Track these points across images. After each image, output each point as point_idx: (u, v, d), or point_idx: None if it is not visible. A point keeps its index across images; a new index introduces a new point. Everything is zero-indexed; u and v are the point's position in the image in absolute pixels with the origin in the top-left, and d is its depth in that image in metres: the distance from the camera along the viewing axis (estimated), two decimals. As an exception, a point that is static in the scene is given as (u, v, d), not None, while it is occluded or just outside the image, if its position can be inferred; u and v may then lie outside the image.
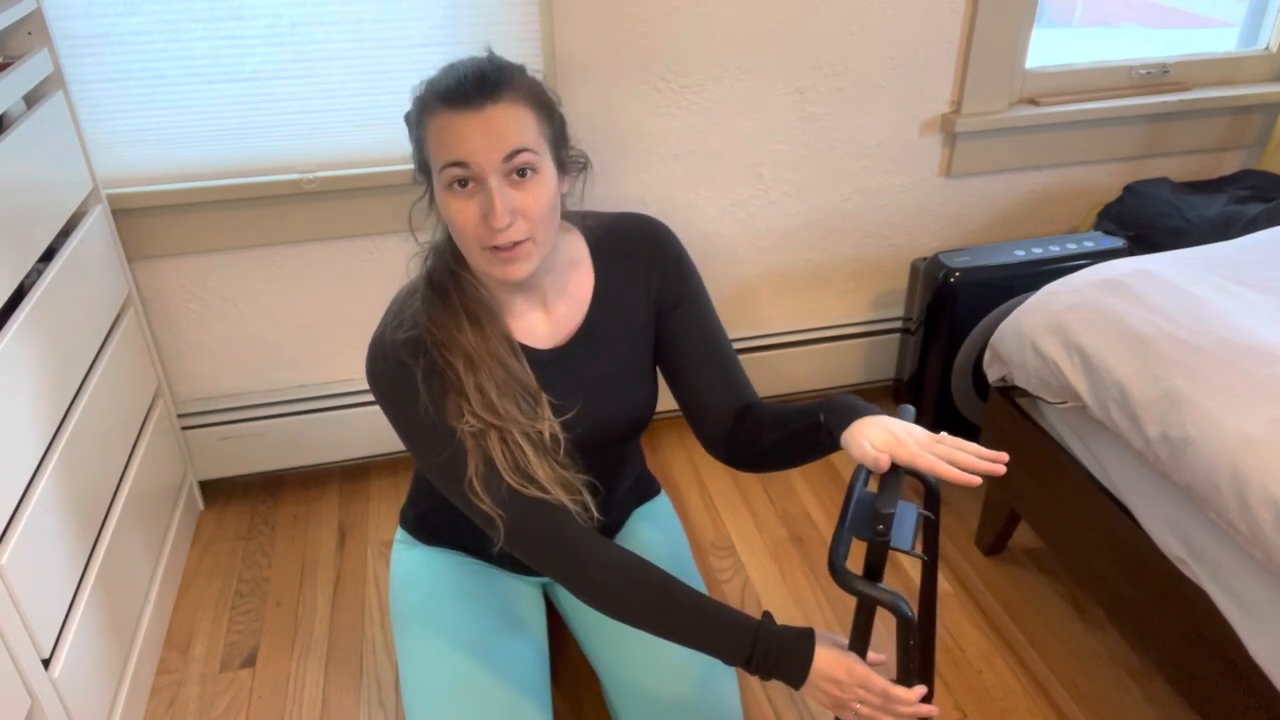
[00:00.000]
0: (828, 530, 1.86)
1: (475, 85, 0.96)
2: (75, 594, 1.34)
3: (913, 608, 0.95)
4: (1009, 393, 1.65)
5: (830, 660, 0.99)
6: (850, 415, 1.03)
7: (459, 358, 1.05)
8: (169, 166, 1.70)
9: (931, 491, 1.04)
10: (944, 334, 1.90)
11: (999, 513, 1.74)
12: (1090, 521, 1.46)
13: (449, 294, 1.07)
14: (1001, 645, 1.61)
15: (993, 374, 1.63)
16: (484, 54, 1.03)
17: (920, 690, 0.98)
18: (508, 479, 1.05)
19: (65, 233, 1.51)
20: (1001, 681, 1.54)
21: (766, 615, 1.04)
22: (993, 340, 1.60)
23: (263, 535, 1.91)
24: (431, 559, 1.35)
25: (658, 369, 1.25)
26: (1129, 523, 1.37)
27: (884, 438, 0.99)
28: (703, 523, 1.91)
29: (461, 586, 1.30)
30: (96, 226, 1.59)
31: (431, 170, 1.01)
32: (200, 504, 1.98)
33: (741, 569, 1.79)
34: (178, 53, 1.61)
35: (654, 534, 1.39)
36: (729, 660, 1.02)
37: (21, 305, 1.30)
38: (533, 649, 1.28)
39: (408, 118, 1.04)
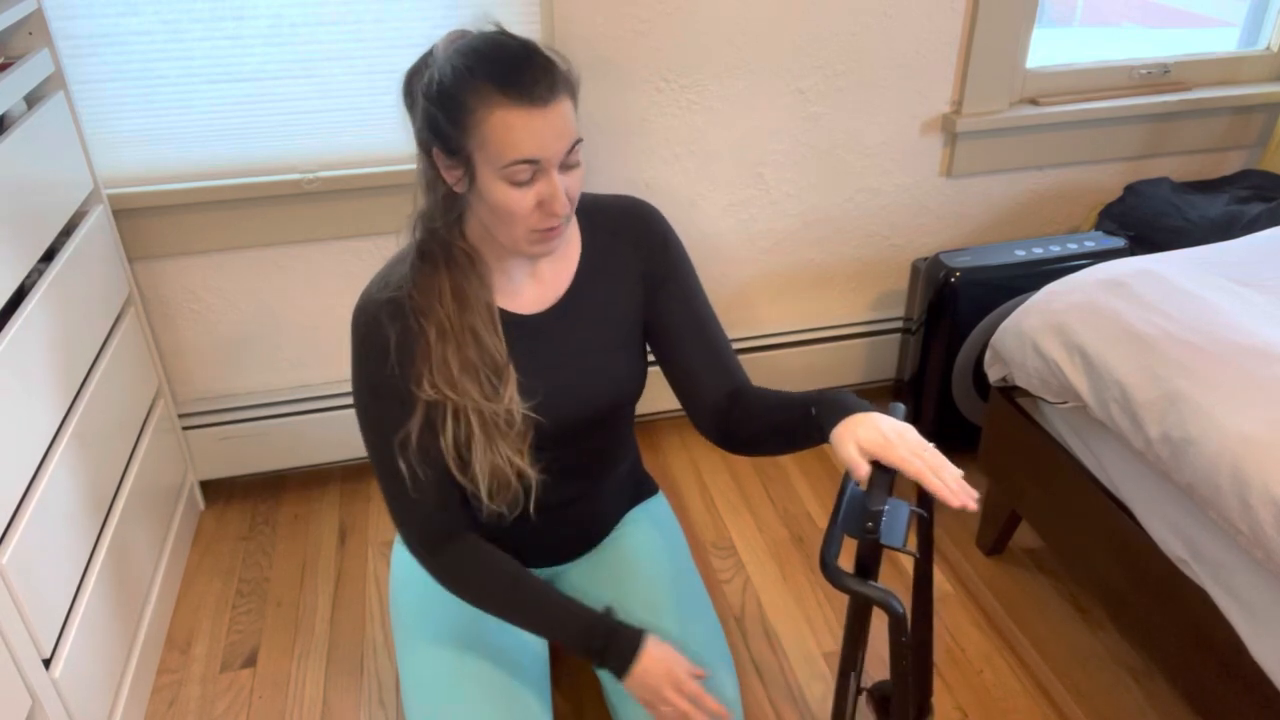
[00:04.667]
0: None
1: (542, 81, 0.97)
2: (76, 594, 1.35)
3: (904, 604, 0.95)
4: (1010, 393, 1.65)
5: (654, 660, 1.09)
6: (842, 412, 1.03)
7: (432, 326, 1.08)
8: (169, 166, 1.70)
9: (925, 489, 1.04)
10: (945, 334, 1.90)
11: (1000, 513, 1.74)
12: (1091, 521, 1.46)
13: (437, 263, 1.10)
14: (1002, 645, 1.61)
15: (993, 374, 1.63)
16: (496, 27, 1.03)
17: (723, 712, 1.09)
18: (449, 453, 1.11)
19: (66, 233, 1.52)
20: (1002, 681, 1.54)
21: (608, 610, 1.14)
22: (993, 340, 1.60)
23: (263, 535, 1.91)
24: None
25: (649, 350, 1.27)
26: (1130, 523, 1.37)
27: (874, 438, 0.99)
28: (703, 523, 1.91)
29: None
30: (97, 226, 1.59)
31: (477, 157, 0.98)
32: (201, 504, 1.98)
33: (742, 569, 1.79)
34: (178, 53, 1.61)
35: (650, 534, 1.39)
36: (569, 646, 1.13)
37: (22, 305, 1.30)
38: (532, 646, 1.28)
39: (440, 95, 0.98)
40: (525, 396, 1.13)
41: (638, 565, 1.33)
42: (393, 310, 1.09)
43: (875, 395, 2.29)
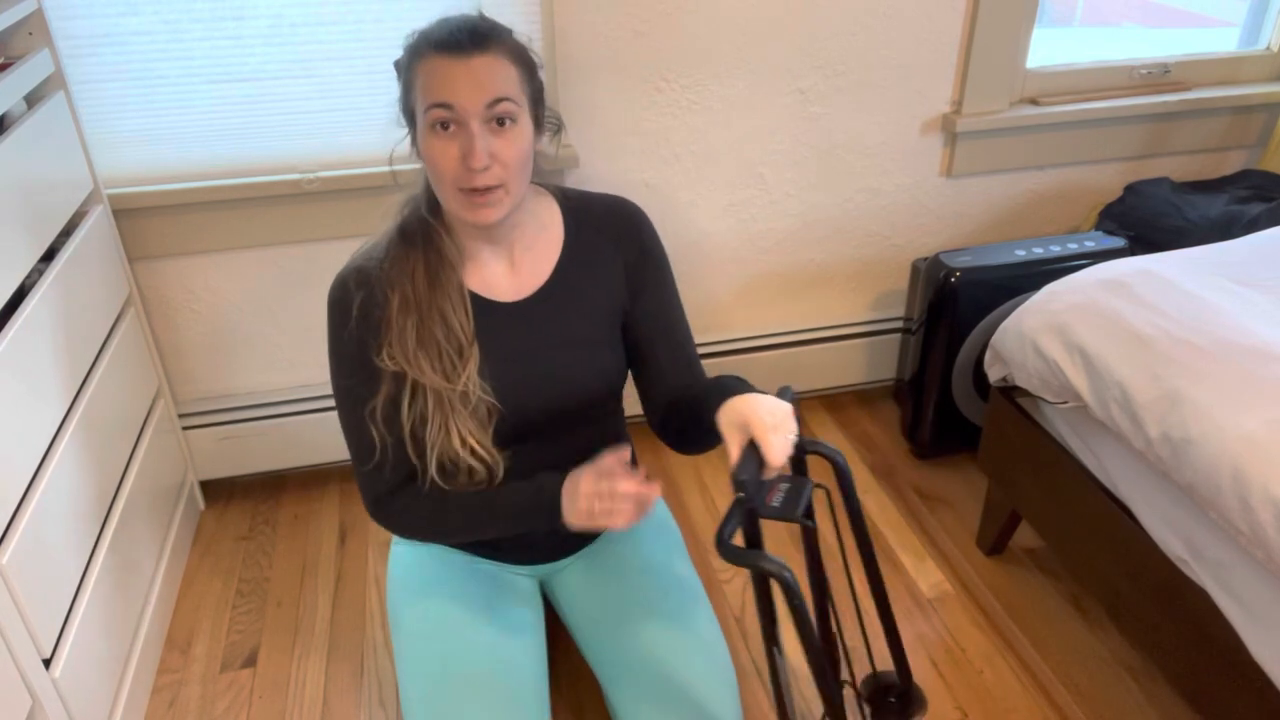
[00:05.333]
0: (828, 531, 1.86)
1: (467, 35, 1.02)
2: (76, 594, 1.35)
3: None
4: (1010, 393, 1.65)
5: (568, 493, 1.09)
6: (725, 396, 1.06)
7: (396, 297, 1.12)
8: (170, 166, 1.70)
9: (840, 468, 1.08)
10: (945, 334, 1.90)
11: (1000, 513, 1.74)
12: (1091, 521, 1.46)
13: (415, 242, 1.14)
14: (1002, 645, 1.61)
15: (994, 374, 1.63)
16: (474, 12, 1.08)
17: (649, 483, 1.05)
18: (405, 426, 1.14)
19: (66, 233, 1.52)
20: (1002, 681, 1.54)
21: (541, 478, 1.15)
22: (993, 340, 1.60)
23: (263, 535, 1.91)
24: (428, 555, 1.35)
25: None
26: (1130, 523, 1.37)
27: (743, 417, 1.02)
28: (703, 523, 1.91)
29: (457, 581, 1.31)
30: (97, 226, 1.59)
31: (416, 113, 1.06)
32: (201, 504, 1.98)
33: (742, 569, 1.79)
34: (178, 53, 1.61)
35: (646, 535, 1.39)
36: (532, 529, 1.15)
37: (23, 305, 1.30)
38: (529, 641, 1.28)
39: (398, 64, 1.09)
40: (489, 381, 1.15)
41: (634, 566, 1.34)
42: (360, 278, 1.13)
43: (876, 395, 2.30)
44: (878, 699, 1.35)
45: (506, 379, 1.17)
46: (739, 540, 0.99)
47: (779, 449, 0.99)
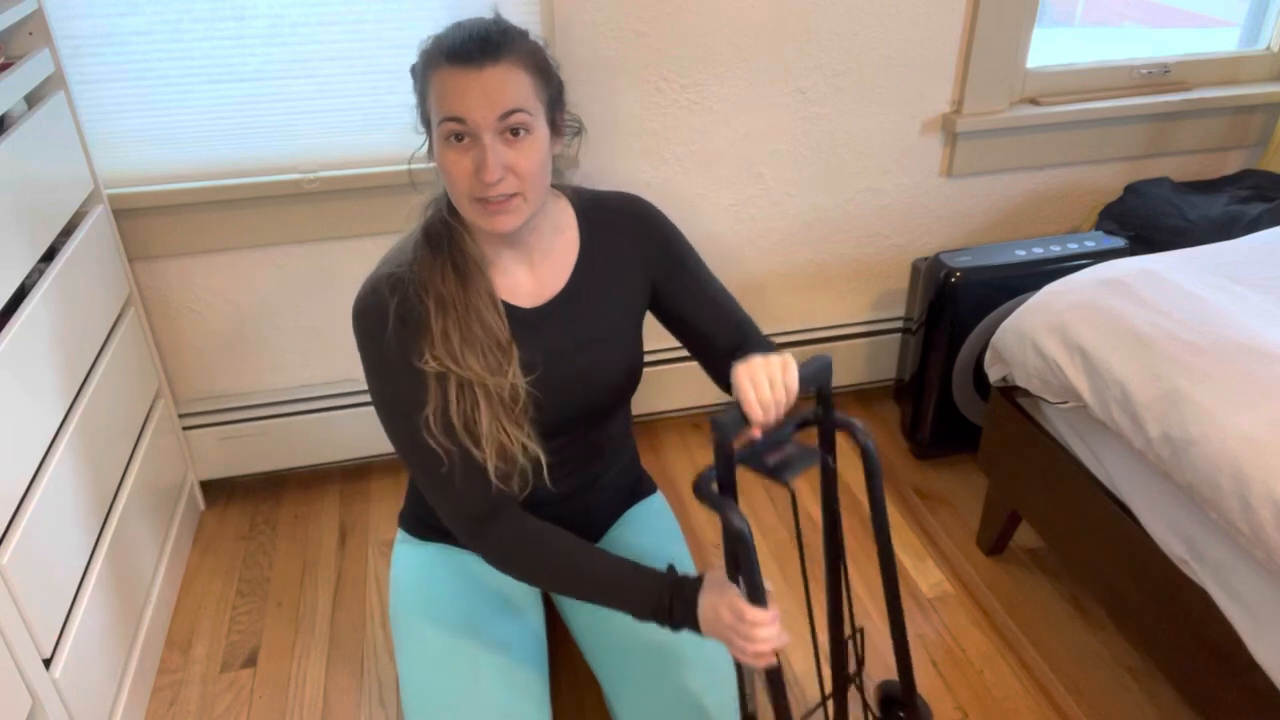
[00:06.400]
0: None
1: (479, 45, 1.00)
2: (77, 594, 1.35)
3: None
4: (1010, 393, 1.65)
5: (710, 603, 1.03)
6: (745, 352, 1.09)
7: (432, 299, 1.10)
8: (170, 166, 1.70)
9: (866, 451, 1.09)
10: (945, 334, 1.90)
11: (1000, 513, 1.74)
12: (1091, 521, 1.46)
13: (440, 244, 1.13)
14: (1003, 645, 1.61)
15: (994, 374, 1.63)
16: (490, 15, 1.07)
17: (772, 614, 1.00)
18: (456, 424, 1.10)
19: (66, 233, 1.52)
20: (1003, 681, 1.54)
21: (670, 569, 1.09)
22: (994, 340, 1.60)
23: (264, 535, 1.91)
24: (430, 555, 1.35)
25: (666, 325, 1.30)
26: (1130, 523, 1.37)
27: (737, 371, 1.03)
28: (703, 522, 1.91)
29: (458, 580, 1.31)
30: (98, 226, 1.59)
31: (431, 122, 1.05)
32: (201, 504, 1.98)
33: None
34: (179, 53, 1.61)
35: (645, 534, 1.39)
36: (638, 616, 1.08)
37: (23, 305, 1.30)
38: (530, 641, 1.28)
39: (413, 70, 1.08)
40: (526, 374, 1.15)
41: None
42: (392, 283, 1.11)
43: (876, 395, 2.29)
44: (887, 704, 1.36)
45: (537, 382, 1.16)
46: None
47: (753, 398, 0.99)
